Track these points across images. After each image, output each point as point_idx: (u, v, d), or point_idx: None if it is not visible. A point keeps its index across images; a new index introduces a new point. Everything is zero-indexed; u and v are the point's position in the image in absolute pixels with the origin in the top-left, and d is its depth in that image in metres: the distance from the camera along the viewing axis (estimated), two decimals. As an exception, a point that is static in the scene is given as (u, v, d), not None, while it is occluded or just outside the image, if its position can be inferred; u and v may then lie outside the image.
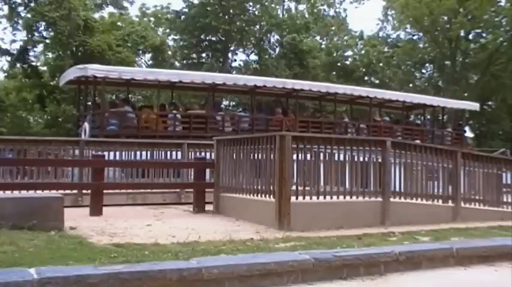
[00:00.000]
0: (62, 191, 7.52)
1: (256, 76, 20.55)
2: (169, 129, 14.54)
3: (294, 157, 7.25)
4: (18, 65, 30.92)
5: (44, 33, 29.85)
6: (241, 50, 37.03)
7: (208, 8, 33.35)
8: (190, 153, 10.62)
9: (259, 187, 7.55)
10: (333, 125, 17.02)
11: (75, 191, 9.28)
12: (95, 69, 13.57)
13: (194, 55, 35.67)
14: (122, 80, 14.29)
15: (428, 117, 22.40)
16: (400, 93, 19.32)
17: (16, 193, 7.48)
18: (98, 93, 15.19)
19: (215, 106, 16.43)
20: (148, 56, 36.77)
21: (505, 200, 10.03)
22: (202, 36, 34.88)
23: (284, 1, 39.45)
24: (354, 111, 19.91)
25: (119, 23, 34.29)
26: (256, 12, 35.22)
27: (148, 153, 10.74)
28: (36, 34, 29.74)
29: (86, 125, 13.66)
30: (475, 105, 20.93)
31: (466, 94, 32.47)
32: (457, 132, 20.32)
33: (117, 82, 14.83)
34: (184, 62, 36.61)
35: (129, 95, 23.02)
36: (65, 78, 15.33)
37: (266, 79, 17.18)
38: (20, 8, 29.61)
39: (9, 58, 31.00)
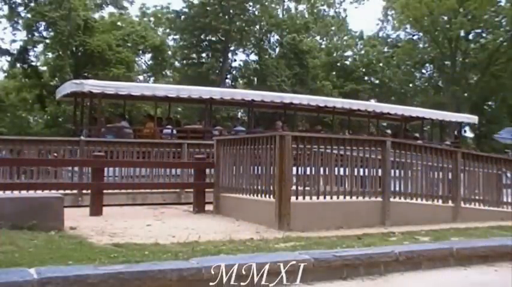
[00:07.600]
0: (62, 191, 7.52)
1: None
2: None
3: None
4: (18, 65, 30.94)
5: (44, 33, 29.88)
6: (241, 50, 37.02)
7: (208, 8, 33.35)
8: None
9: (259, 187, 7.54)
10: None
11: (75, 191, 9.29)
12: (92, 85, 13.21)
13: (194, 55, 35.66)
14: (119, 95, 14.13)
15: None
16: (399, 107, 19.05)
17: (16, 193, 7.48)
18: (94, 108, 15.03)
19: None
20: (148, 56, 36.85)
21: (505, 200, 10.03)
22: (202, 36, 34.87)
23: (284, 1, 39.46)
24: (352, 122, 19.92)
25: (118, 23, 34.31)
26: (256, 12, 35.22)
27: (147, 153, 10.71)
28: (36, 34, 29.77)
29: (82, 139, 13.47)
30: (473, 118, 20.75)
31: (466, 94, 32.47)
32: (455, 145, 20.28)
33: (113, 96, 14.65)
34: (184, 62, 36.62)
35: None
36: (61, 92, 15.12)
37: (264, 94, 16.72)
38: (20, 8, 29.64)
39: (9, 58, 31.05)
